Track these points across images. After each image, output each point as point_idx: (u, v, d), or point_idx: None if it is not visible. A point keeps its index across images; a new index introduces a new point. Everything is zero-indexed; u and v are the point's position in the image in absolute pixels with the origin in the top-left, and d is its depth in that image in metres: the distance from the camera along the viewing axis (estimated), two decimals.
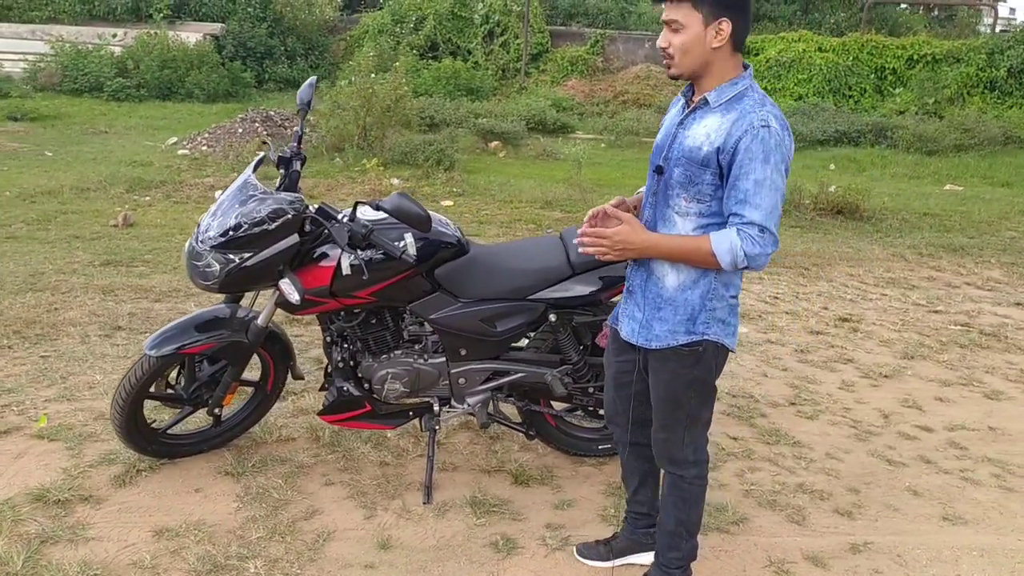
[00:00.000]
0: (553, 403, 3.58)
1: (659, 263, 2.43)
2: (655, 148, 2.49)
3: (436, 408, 3.39)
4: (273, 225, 2.95)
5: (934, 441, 4.07)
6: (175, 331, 3.19)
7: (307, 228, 3.08)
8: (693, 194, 2.33)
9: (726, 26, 2.23)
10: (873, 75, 17.52)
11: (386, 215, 2.94)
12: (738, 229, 2.23)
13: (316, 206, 3.06)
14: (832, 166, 12.79)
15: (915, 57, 17.33)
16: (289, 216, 2.97)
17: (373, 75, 10.86)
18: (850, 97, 17.28)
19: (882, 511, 3.42)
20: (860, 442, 4.01)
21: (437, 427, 3.41)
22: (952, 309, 6.20)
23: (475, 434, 3.80)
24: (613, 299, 3.26)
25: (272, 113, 11.78)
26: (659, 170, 2.42)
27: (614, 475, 3.47)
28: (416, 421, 3.48)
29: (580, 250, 2.43)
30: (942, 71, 16.85)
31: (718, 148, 2.25)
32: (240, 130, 10.92)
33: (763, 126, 2.22)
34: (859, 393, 4.59)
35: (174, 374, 3.38)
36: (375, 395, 3.34)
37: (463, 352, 3.30)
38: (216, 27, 17.68)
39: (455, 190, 9.35)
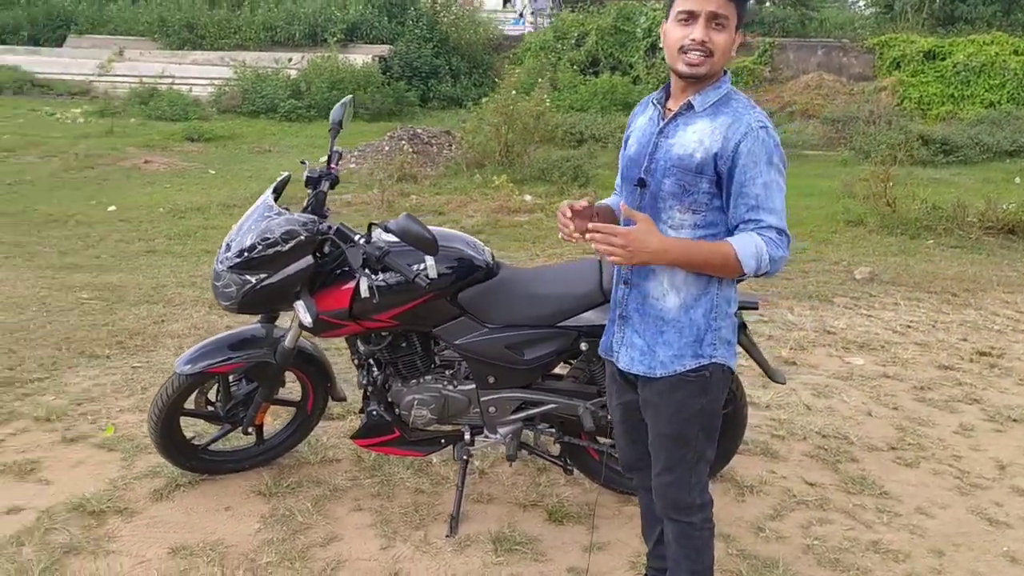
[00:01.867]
0: (598, 437, 3.36)
1: (656, 284, 2.25)
2: (629, 161, 2.31)
3: (468, 437, 3.26)
4: (286, 246, 2.92)
5: None
6: (207, 349, 3.23)
7: (326, 249, 3.04)
8: (688, 204, 2.16)
9: (740, 32, 2.15)
10: None
11: None
12: (758, 233, 2.08)
13: (335, 227, 3.01)
14: (1017, 180, 11.59)
15: None
16: (302, 237, 2.93)
17: (514, 92, 10.88)
18: None
19: None
20: (962, 496, 3.52)
21: (467, 456, 3.27)
22: None
23: (522, 464, 3.63)
24: None
25: (419, 131, 12.05)
26: (642, 183, 2.23)
27: None
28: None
29: (594, 247, 2.12)
30: None
31: (716, 154, 2.10)
32: (387, 148, 11.24)
33: (761, 127, 2.10)
34: (977, 439, 4.04)
35: (213, 391, 3.43)
36: (404, 421, 3.25)
37: (491, 380, 3.15)
38: (384, 49, 18.42)
39: None
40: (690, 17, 2.07)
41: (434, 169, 10.85)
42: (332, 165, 3.25)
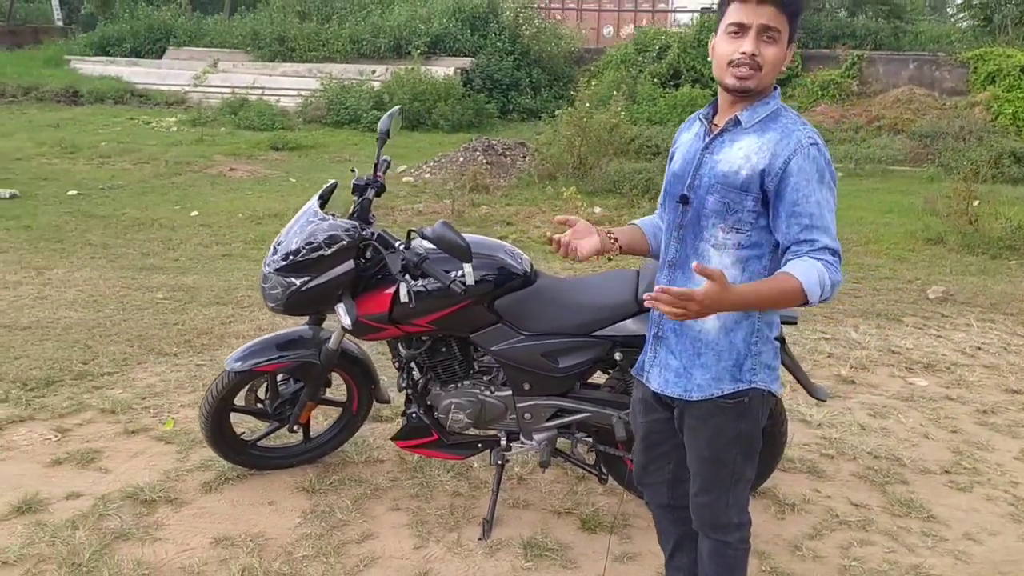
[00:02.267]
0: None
1: None
2: (673, 177, 2.27)
3: (503, 442, 3.31)
4: (329, 251, 3.03)
5: None
6: (256, 348, 3.36)
7: (368, 255, 3.13)
8: (732, 223, 2.11)
9: (792, 47, 2.09)
10: None
11: None
12: (813, 257, 1.99)
13: (377, 233, 3.10)
14: None
15: None
16: (344, 242, 3.04)
17: (588, 104, 10.90)
18: None
19: None
20: (1015, 523, 3.40)
21: (502, 461, 3.32)
22: None
23: (560, 471, 3.66)
24: None
25: (494, 142, 12.17)
26: (684, 200, 2.19)
27: None
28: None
29: (645, 301, 1.91)
30: None
31: (763, 171, 2.05)
32: (462, 159, 11.38)
33: (812, 144, 2.04)
34: None
35: (263, 389, 3.55)
36: (441, 424, 3.31)
37: (527, 387, 3.19)
38: (466, 61, 18.65)
39: None
40: (740, 30, 2.03)
41: (507, 180, 10.95)
42: (378, 174, 3.36)
